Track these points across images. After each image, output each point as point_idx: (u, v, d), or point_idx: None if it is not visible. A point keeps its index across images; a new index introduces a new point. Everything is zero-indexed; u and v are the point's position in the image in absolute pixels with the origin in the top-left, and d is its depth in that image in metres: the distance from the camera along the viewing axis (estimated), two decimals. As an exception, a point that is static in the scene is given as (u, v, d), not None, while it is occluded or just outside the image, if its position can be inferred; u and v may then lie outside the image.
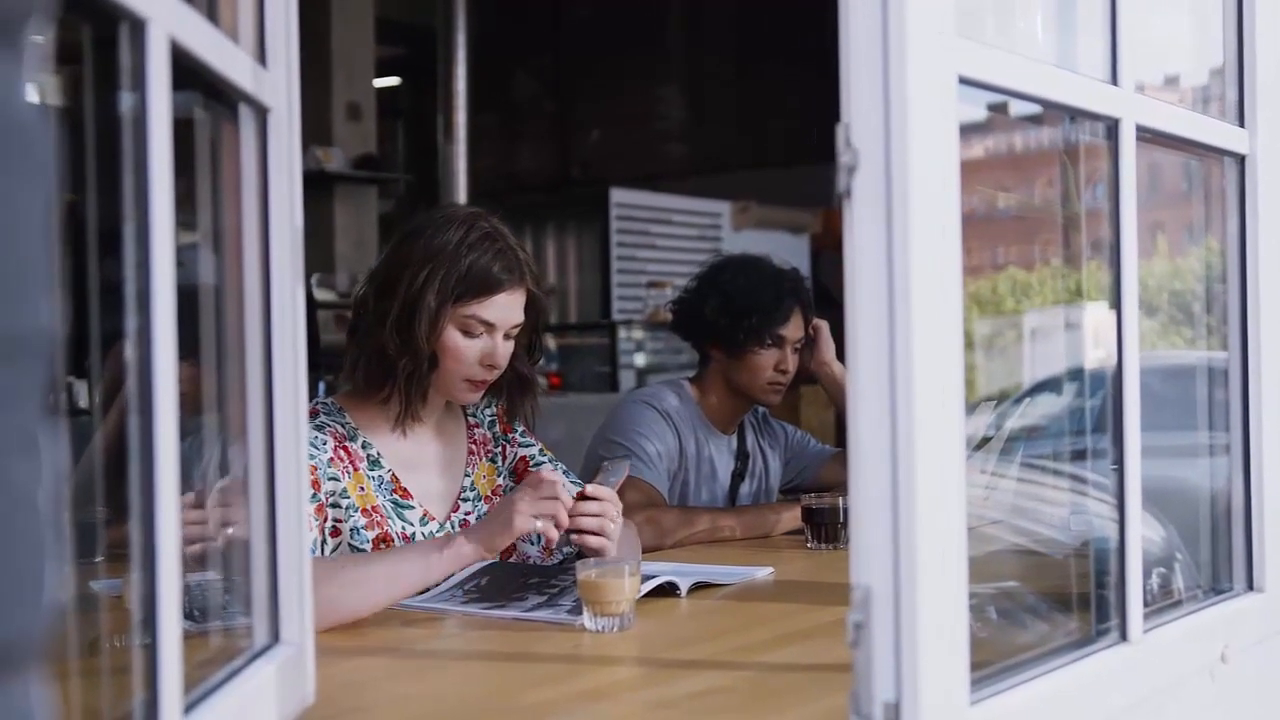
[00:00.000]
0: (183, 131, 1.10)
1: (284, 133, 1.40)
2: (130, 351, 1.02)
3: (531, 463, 2.49)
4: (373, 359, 2.26)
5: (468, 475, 2.40)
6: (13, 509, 0.57)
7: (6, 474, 0.56)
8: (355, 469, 2.24)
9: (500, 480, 2.44)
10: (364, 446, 2.27)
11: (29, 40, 0.61)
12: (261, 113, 1.37)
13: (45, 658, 0.60)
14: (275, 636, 1.38)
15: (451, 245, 2.22)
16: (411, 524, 2.27)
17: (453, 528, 2.31)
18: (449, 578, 2.12)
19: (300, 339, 1.41)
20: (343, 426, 2.26)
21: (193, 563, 1.46)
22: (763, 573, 2.39)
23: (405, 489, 2.29)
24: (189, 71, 1.14)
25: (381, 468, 2.27)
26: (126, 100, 1.03)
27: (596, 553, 2.14)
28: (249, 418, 1.38)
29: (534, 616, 1.97)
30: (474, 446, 2.44)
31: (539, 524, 2.05)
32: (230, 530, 1.52)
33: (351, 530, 2.19)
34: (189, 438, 1.13)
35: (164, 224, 1.03)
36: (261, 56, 1.37)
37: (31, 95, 0.61)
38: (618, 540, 2.19)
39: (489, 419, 2.49)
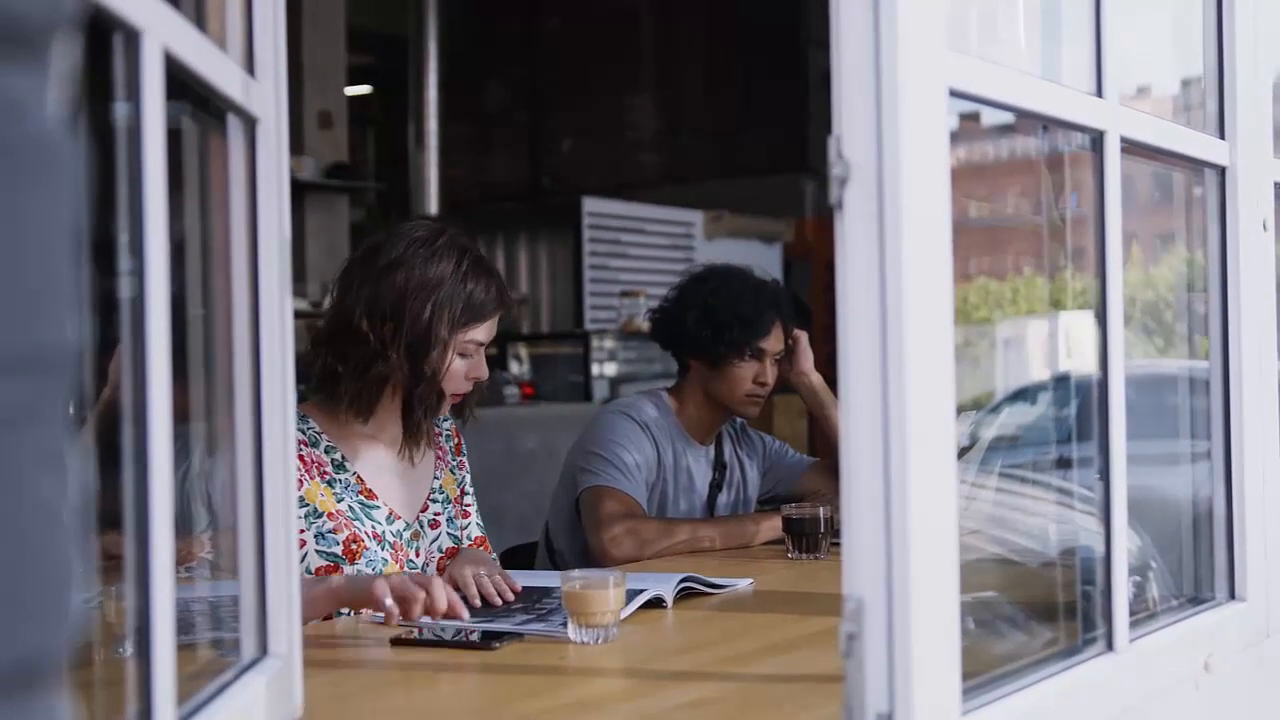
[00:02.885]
0: (169, 141, 1.09)
1: (272, 143, 1.39)
2: (125, 361, 1.01)
3: (465, 492, 2.56)
4: (377, 386, 2.30)
5: (436, 478, 2.48)
6: (40, 525, 0.56)
7: (34, 490, 0.56)
8: (313, 477, 2.28)
9: (459, 490, 2.54)
10: (327, 451, 2.33)
11: (54, 55, 0.60)
12: (250, 123, 1.36)
13: (68, 673, 0.60)
14: (264, 649, 1.38)
15: (449, 275, 2.30)
16: (379, 523, 2.33)
17: (420, 527, 2.40)
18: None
19: (289, 350, 1.41)
20: (304, 432, 2.29)
21: None
22: (744, 583, 2.40)
23: (371, 490, 2.34)
24: (178, 81, 1.13)
25: (347, 470, 2.33)
26: (120, 110, 1.03)
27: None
28: (237, 429, 1.37)
29: (527, 629, 1.97)
30: (440, 452, 2.52)
31: (389, 602, 1.95)
32: None
33: (317, 535, 2.24)
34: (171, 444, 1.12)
35: (158, 234, 1.03)
36: (250, 67, 1.37)
37: (56, 110, 0.61)
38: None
39: (446, 432, 2.56)
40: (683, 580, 2.24)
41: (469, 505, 2.56)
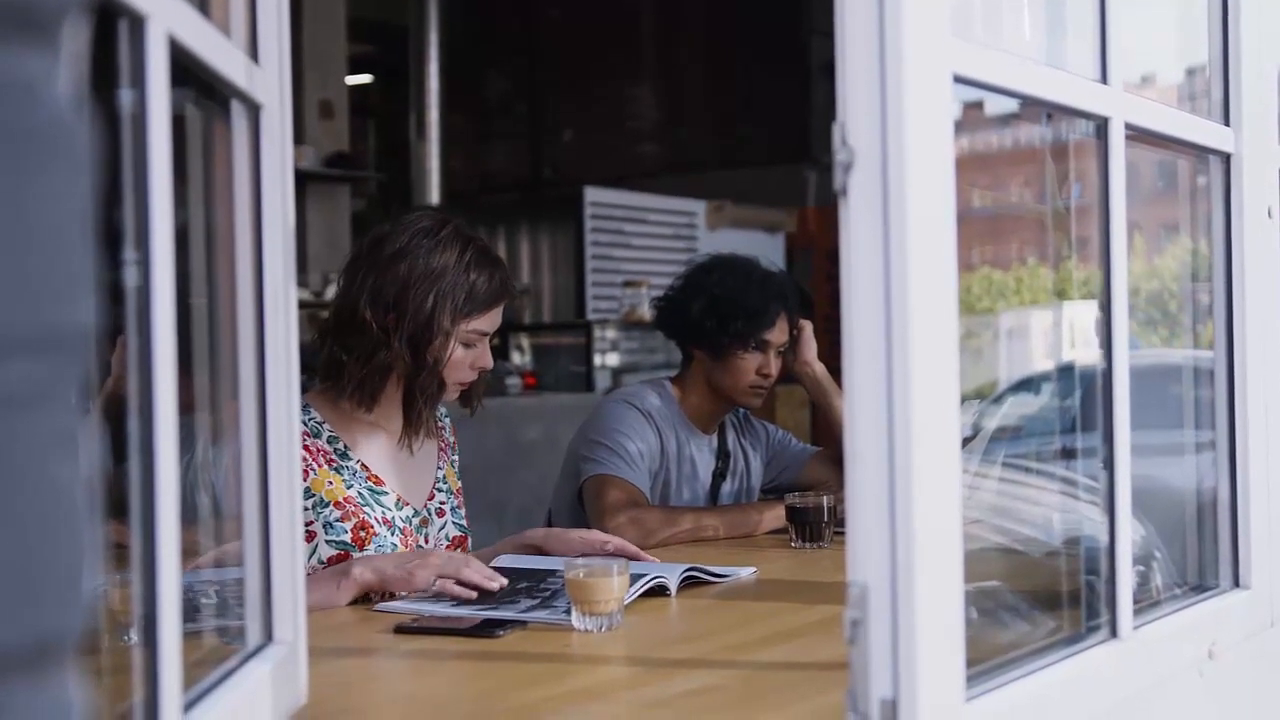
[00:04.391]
0: (174, 128, 1.09)
1: (276, 130, 1.39)
2: (130, 350, 1.01)
3: (459, 483, 2.58)
4: (379, 375, 2.32)
5: (440, 468, 2.50)
6: (53, 507, 0.57)
7: (47, 472, 0.56)
8: (320, 465, 2.29)
9: (459, 483, 2.56)
10: (330, 441, 2.34)
11: (65, 37, 0.60)
12: (254, 110, 1.36)
13: (81, 654, 0.60)
14: (269, 636, 1.38)
15: (452, 265, 2.31)
16: (389, 509, 2.35)
17: (429, 514, 2.43)
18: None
19: (293, 337, 1.41)
20: (306, 424, 2.30)
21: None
22: (747, 572, 2.40)
23: (377, 476, 2.36)
24: (182, 67, 1.13)
25: (351, 459, 2.34)
26: (125, 96, 1.03)
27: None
28: (242, 418, 1.37)
29: (530, 617, 1.97)
30: (443, 444, 2.54)
31: (437, 585, 2.10)
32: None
33: (325, 526, 2.25)
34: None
35: (163, 222, 1.02)
36: (254, 53, 1.36)
37: (68, 92, 0.61)
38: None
39: (446, 426, 2.59)
40: (686, 570, 2.24)
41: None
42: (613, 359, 7.63)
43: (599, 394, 6.88)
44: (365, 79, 10.70)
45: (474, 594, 2.07)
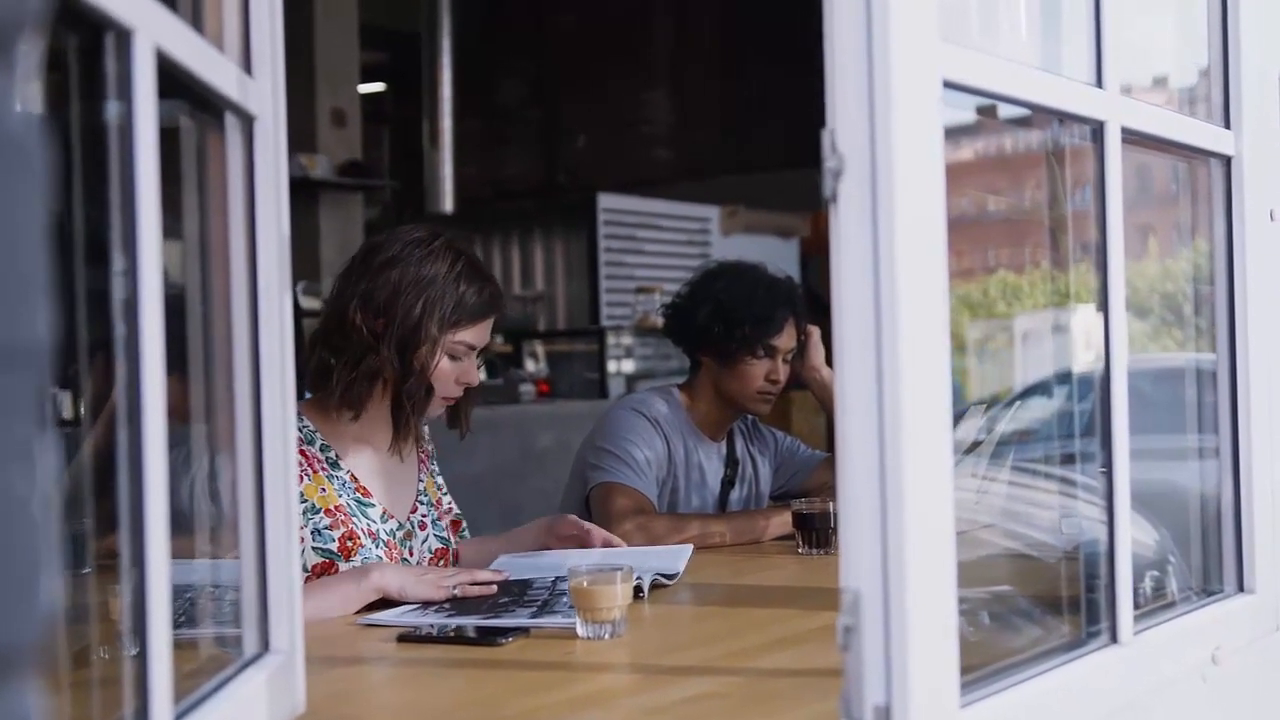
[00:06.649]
0: (167, 140, 1.10)
1: (270, 141, 1.40)
2: (118, 361, 1.02)
3: (444, 494, 2.60)
4: (367, 381, 2.33)
5: (420, 480, 2.53)
6: (10, 518, 0.57)
7: (4, 483, 0.57)
8: (315, 471, 2.33)
9: (438, 494, 2.59)
10: (323, 450, 2.37)
11: (21, 50, 0.61)
12: (248, 121, 1.37)
13: (41, 665, 0.60)
14: (265, 645, 1.38)
15: (442, 275, 2.34)
16: (374, 521, 2.38)
17: (411, 526, 2.46)
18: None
19: (288, 348, 1.41)
20: (300, 431, 2.31)
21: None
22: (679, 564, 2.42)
23: (365, 488, 2.39)
24: (174, 80, 1.14)
25: (341, 469, 2.37)
26: (112, 109, 1.03)
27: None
28: (237, 428, 1.38)
29: (537, 623, 1.97)
30: (423, 456, 2.57)
31: (459, 590, 2.19)
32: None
33: (314, 532, 2.28)
34: (176, 449, 1.13)
35: (150, 233, 1.03)
36: (247, 65, 1.37)
37: (24, 105, 0.61)
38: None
39: (425, 434, 2.62)
40: (654, 574, 2.28)
41: (449, 501, 2.62)
42: (627, 365, 7.63)
43: (613, 401, 6.88)
44: (378, 87, 10.70)
45: (494, 588, 2.19)
